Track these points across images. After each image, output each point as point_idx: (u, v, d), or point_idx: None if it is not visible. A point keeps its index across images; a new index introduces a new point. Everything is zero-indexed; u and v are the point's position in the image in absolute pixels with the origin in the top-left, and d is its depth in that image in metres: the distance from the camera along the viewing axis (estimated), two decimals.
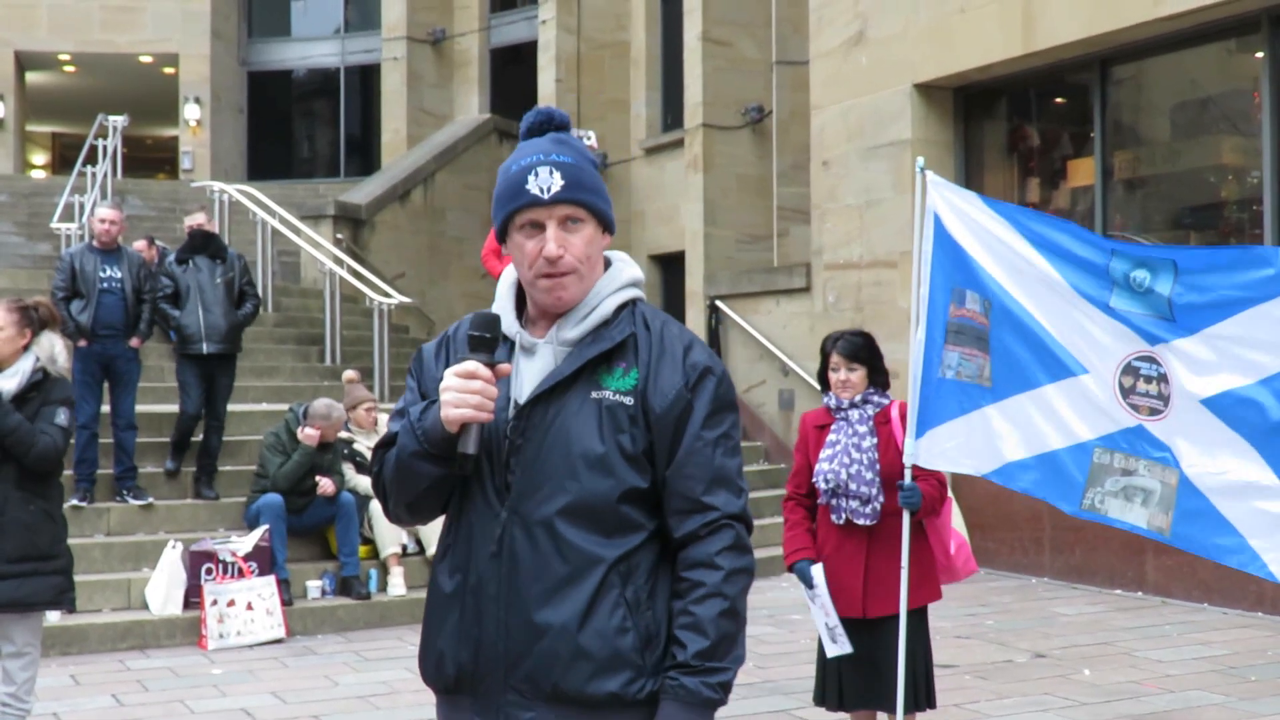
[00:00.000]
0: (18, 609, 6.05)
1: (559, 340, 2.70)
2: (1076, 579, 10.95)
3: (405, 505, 2.75)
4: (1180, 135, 11.40)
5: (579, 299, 2.70)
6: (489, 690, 2.65)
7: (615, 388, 2.65)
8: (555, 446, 2.62)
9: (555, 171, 2.65)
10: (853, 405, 5.43)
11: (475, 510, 2.69)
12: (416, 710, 7.28)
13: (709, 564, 2.63)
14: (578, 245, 2.66)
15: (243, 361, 11.64)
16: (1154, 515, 4.89)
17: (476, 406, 2.55)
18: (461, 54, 24.10)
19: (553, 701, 2.61)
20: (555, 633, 2.59)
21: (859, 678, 5.42)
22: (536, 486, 2.63)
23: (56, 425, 6.01)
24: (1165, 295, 4.80)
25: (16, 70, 26.16)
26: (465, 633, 2.67)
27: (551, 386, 2.65)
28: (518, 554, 2.63)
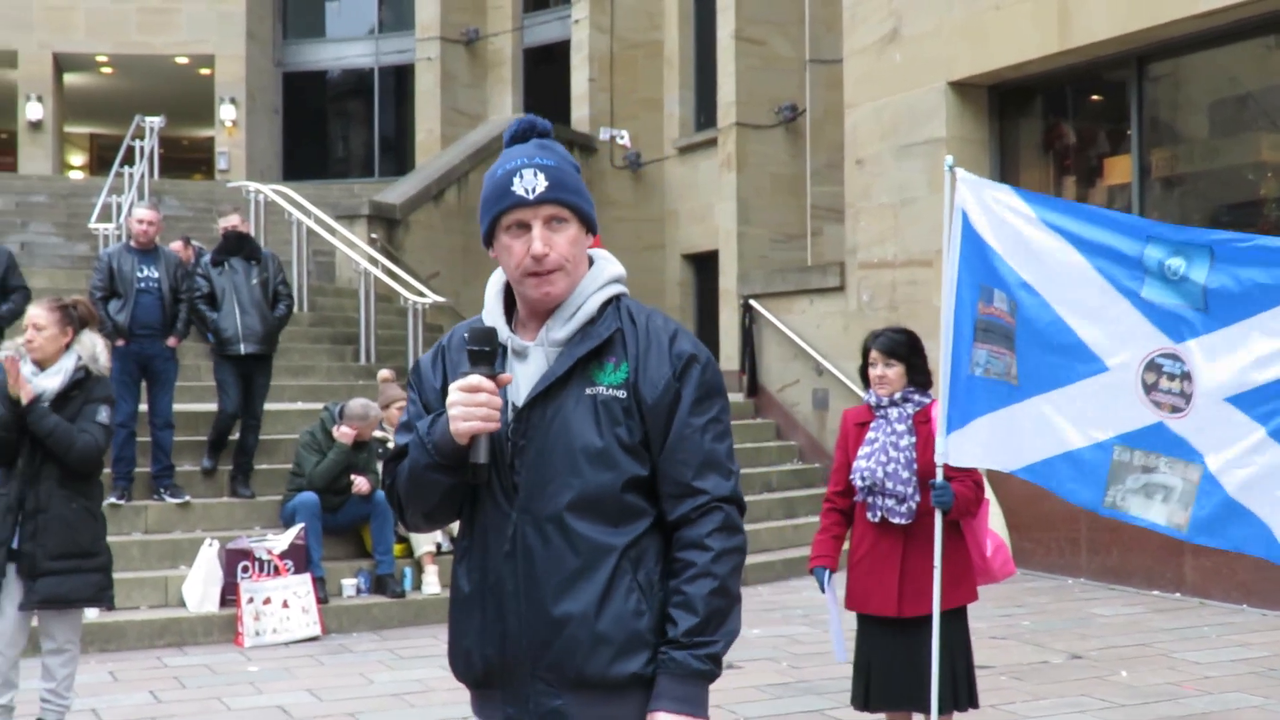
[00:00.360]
0: (58, 605, 6.12)
1: (549, 341, 2.80)
2: (1113, 580, 10.89)
3: (423, 515, 2.88)
4: (1218, 132, 11.32)
5: (566, 294, 2.80)
6: (517, 682, 2.77)
7: (608, 382, 2.76)
8: (556, 444, 2.74)
9: (539, 173, 2.76)
10: (892, 403, 5.41)
11: (486, 513, 2.81)
12: (451, 708, 7.29)
13: (699, 545, 2.74)
14: (562, 244, 2.76)
15: (278, 361, 11.69)
16: (1173, 512, 4.87)
17: (484, 418, 2.66)
18: (495, 54, 24.16)
19: (578, 687, 2.72)
20: (575, 622, 2.71)
21: (895, 678, 5.40)
22: (543, 484, 2.74)
23: (98, 423, 6.10)
24: (1200, 283, 4.76)
25: (55, 72, 26.37)
26: (489, 630, 2.79)
27: (547, 387, 2.76)
28: (531, 551, 2.74)
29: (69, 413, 6.09)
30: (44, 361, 6.13)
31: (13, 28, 25.71)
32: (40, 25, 25.81)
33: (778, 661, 8.32)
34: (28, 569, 6.05)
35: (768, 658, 8.40)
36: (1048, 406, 5.14)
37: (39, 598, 6.04)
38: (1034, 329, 5.15)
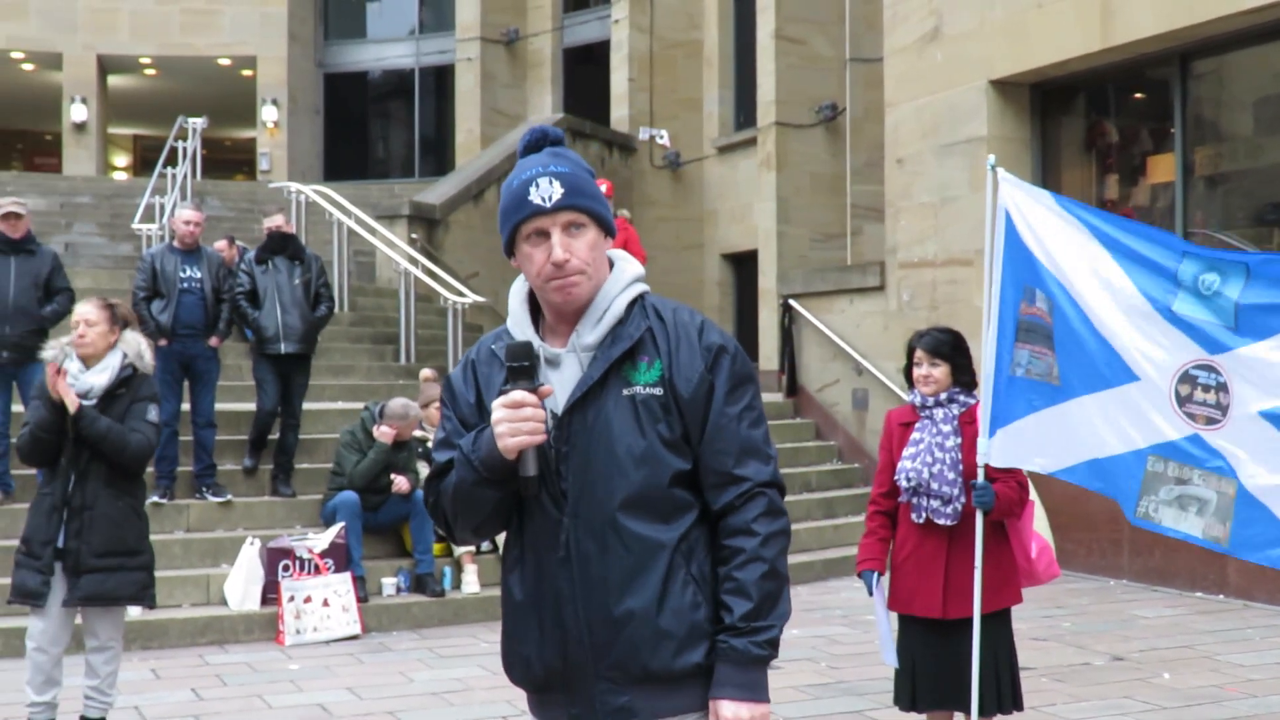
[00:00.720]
0: (102, 603, 6.17)
1: (580, 347, 2.84)
2: (1156, 581, 10.81)
3: (471, 530, 2.93)
4: (1263, 130, 11.21)
5: (589, 297, 2.84)
6: (581, 683, 2.83)
7: (644, 381, 2.81)
8: (600, 448, 2.78)
9: (555, 181, 2.80)
10: (938, 404, 5.38)
11: (536, 521, 2.85)
12: (490, 707, 7.31)
13: (746, 530, 2.80)
14: (582, 249, 2.81)
15: (319, 360, 11.74)
16: (1210, 525, 4.83)
17: (530, 432, 2.71)
18: (535, 54, 24.20)
19: (643, 682, 2.78)
20: (637, 619, 2.76)
21: (939, 679, 5.37)
22: (591, 488, 2.79)
23: (148, 422, 6.19)
24: (1233, 299, 4.73)
25: (99, 74, 26.60)
26: (548, 636, 2.85)
27: (585, 392, 2.80)
28: (586, 554, 2.79)
29: (116, 411, 6.16)
30: (92, 359, 6.21)
31: (57, 30, 25.96)
32: (84, 27, 26.05)
33: (817, 662, 8.30)
34: (72, 566, 6.10)
35: (807, 658, 8.38)
36: (1087, 409, 5.12)
37: (82, 594, 6.09)
38: (1071, 331, 5.13)
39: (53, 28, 25.96)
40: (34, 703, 6.20)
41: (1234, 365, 4.75)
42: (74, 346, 6.24)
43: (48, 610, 6.16)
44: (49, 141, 30.29)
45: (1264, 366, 4.69)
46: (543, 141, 2.90)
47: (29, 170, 28.88)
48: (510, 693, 7.58)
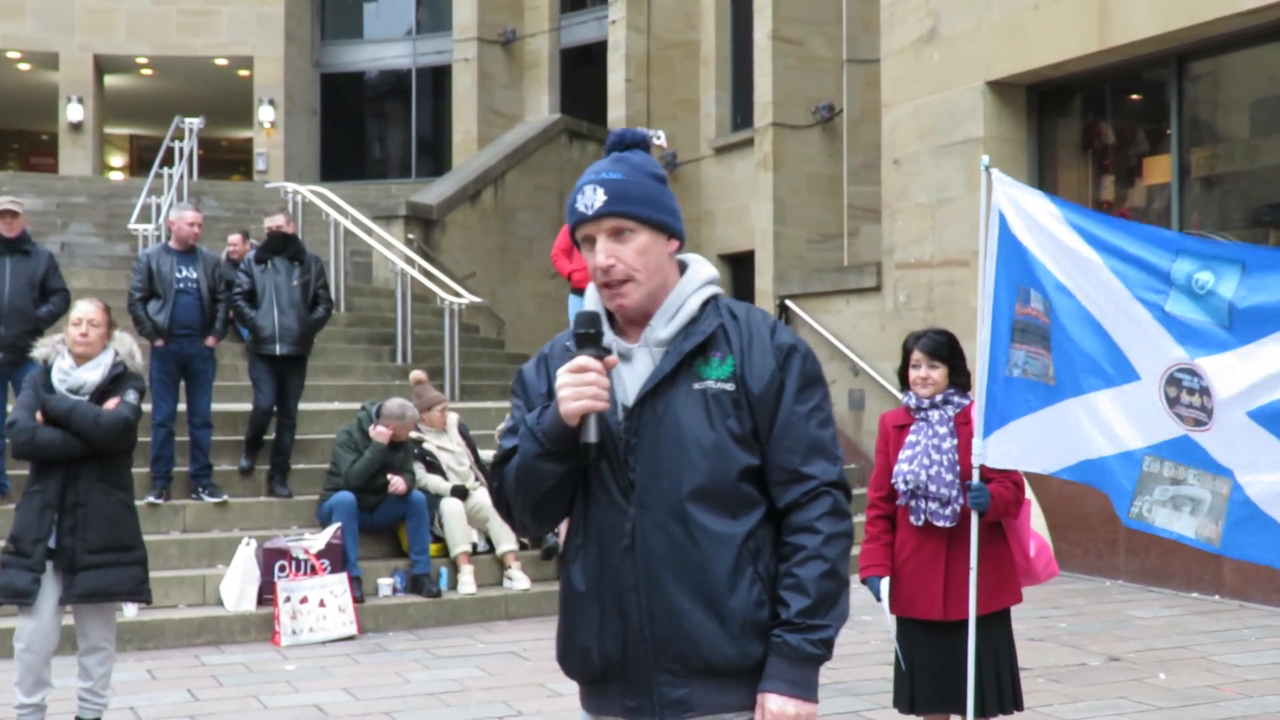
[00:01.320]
0: (100, 599, 6.17)
1: (653, 342, 2.88)
2: (1152, 582, 10.81)
3: (530, 510, 2.92)
4: (1259, 132, 11.22)
5: (641, 304, 2.88)
6: (640, 674, 2.85)
7: (715, 376, 2.85)
8: (669, 440, 2.82)
9: (599, 189, 2.85)
10: (933, 405, 5.38)
11: (601, 511, 2.87)
12: (487, 708, 7.31)
13: (809, 529, 2.83)
14: (628, 254, 2.85)
15: (315, 361, 11.74)
16: (1203, 525, 4.83)
17: (593, 397, 2.73)
18: (532, 54, 24.19)
19: (704, 675, 2.81)
20: (700, 612, 2.79)
21: (939, 680, 5.36)
22: (659, 480, 2.82)
23: (127, 402, 6.20)
24: (1227, 299, 4.71)
25: (95, 73, 26.59)
26: (609, 626, 2.86)
27: (656, 384, 2.84)
28: (651, 545, 2.82)
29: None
30: (86, 357, 6.28)
31: (54, 30, 25.94)
32: (81, 27, 26.03)
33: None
34: (66, 563, 6.09)
35: None
36: (1082, 409, 5.11)
37: (80, 592, 6.09)
38: (1068, 331, 5.12)
39: (49, 27, 25.94)
40: (23, 704, 6.16)
41: (1217, 365, 4.74)
42: (75, 344, 6.29)
43: (38, 610, 6.13)
44: (45, 141, 30.26)
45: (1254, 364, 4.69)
46: (617, 145, 2.96)
47: (25, 170, 28.85)
48: (507, 693, 7.59)
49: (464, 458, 10.58)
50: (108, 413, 6.13)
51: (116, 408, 6.16)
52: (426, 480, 10.14)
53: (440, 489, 10.13)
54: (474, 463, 10.67)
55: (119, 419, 6.15)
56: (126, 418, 6.18)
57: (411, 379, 11.12)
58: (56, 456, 6.13)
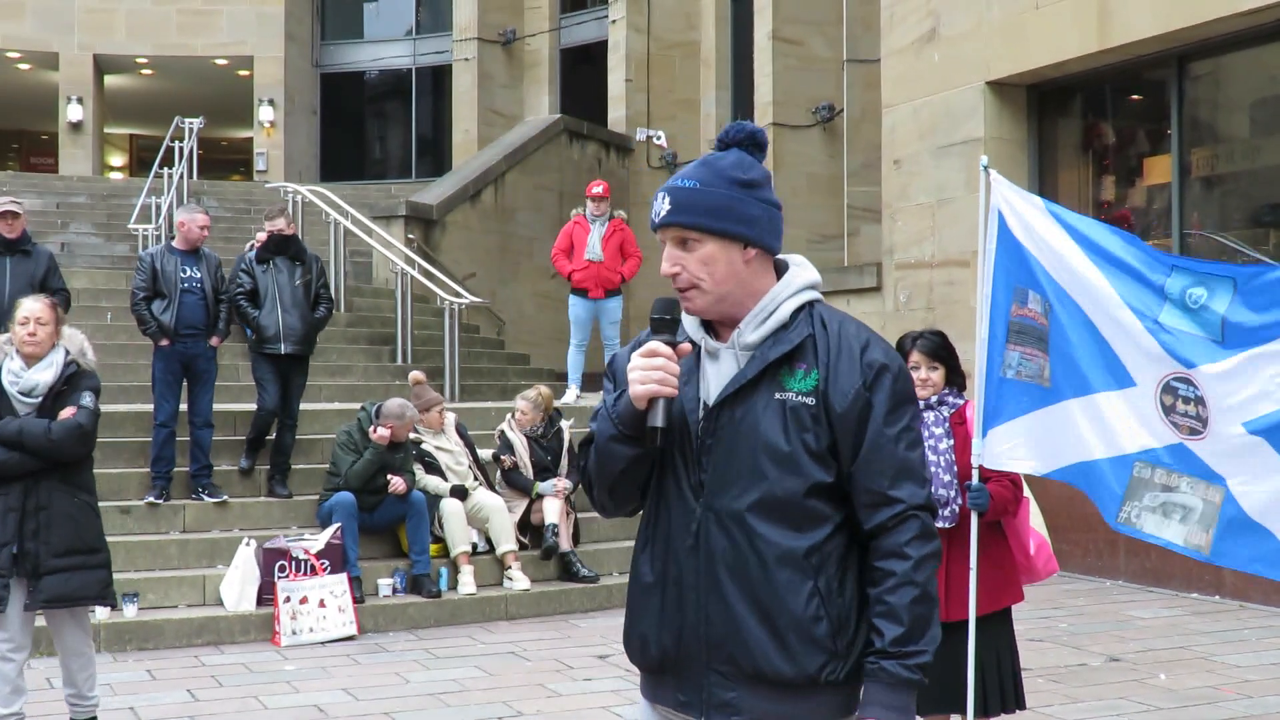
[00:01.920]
0: (66, 604, 5.99)
1: (740, 344, 2.88)
2: (1152, 582, 10.80)
3: (607, 490, 2.97)
4: (1260, 132, 11.22)
5: (706, 310, 2.89)
6: (692, 671, 2.86)
7: (797, 389, 2.83)
8: (744, 445, 2.81)
9: (666, 198, 2.87)
10: (928, 407, 5.37)
11: (672, 506, 2.90)
12: (486, 708, 7.31)
13: (899, 554, 2.82)
14: (692, 263, 2.86)
15: (315, 361, 11.73)
16: (1192, 533, 4.83)
17: (660, 381, 2.76)
18: (532, 54, 24.19)
19: (753, 682, 2.81)
20: (754, 620, 2.79)
21: (940, 681, 5.35)
22: (728, 483, 2.82)
23: (82, 407, 5.96)
24: (1220, 313, 4.73)
25: (95, 74, 26.60)
26: (668, 619, 2.89)
27: (737, 389, 2.84)
28: (714, 547, 2.83)
29: (59, 408, 5.98)
30: (36, 357, 6.04)
31: (54, 30, 25.95)
32: (81, 27, 26.04)
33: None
34: (30, 568, 5.90)
35: None
36: (1076, 412, 5.12)
37: (45, 597, 5.90)
38: (1065, 333, 5.13)
39: (49, 27, 25.96)
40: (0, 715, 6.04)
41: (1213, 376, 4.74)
42: (23, 345, 6.04)
43: (8, 617, 5.94)
44: (45, 141, 30.27)
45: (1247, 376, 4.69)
46: (722, 141, 2.95)
47: (25, 170, 28.86)
48: (507, 694, 7.58)
49: (462, 457, 10.57)
50: (59, 424, 5.88)
51: (71, 416, 5.91)
52: (426, 481, 10.13)
53: (440, 489, 10.13)
54: (473, 462, 10.66)
55: (72, 429, 5.90)
56: (81, 425, 5.93)
57: (410, 380, 11.12)
58: (14, 474, 5.89)
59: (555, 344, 16.80)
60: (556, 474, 10.68)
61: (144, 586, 9.23)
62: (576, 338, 13.55)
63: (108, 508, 9.76)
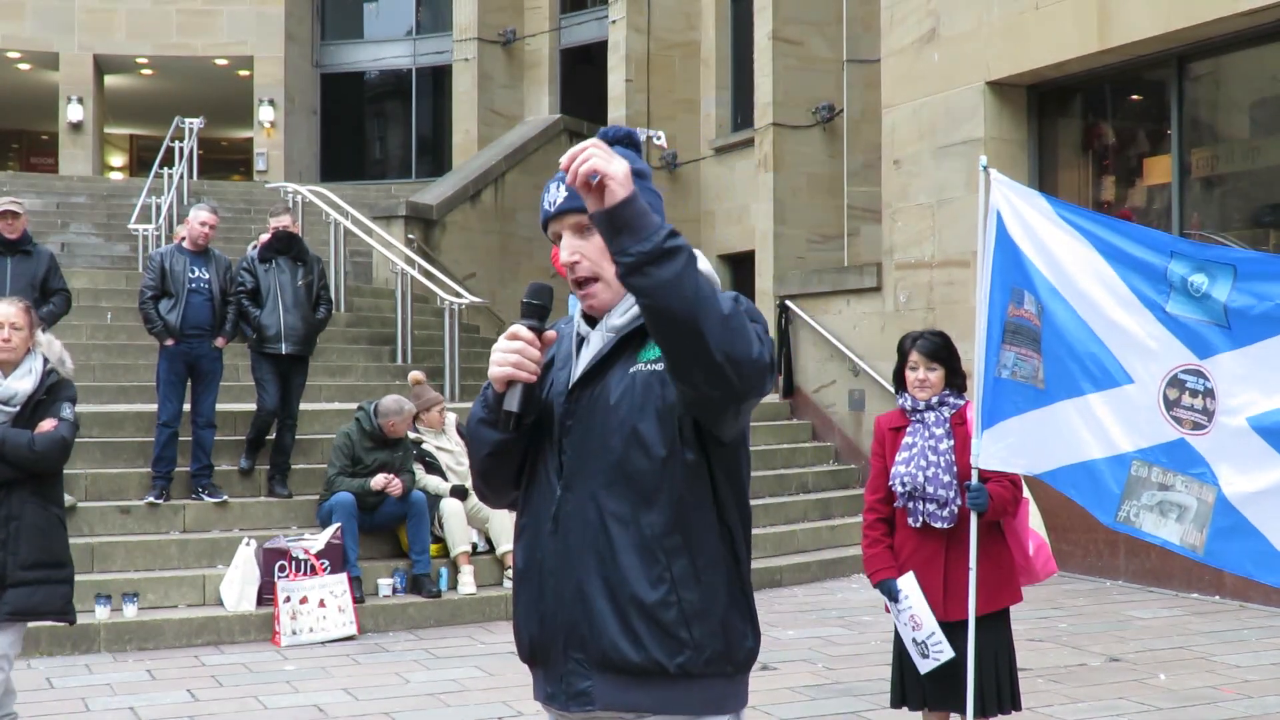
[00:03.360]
0: (27, 618, 5.75)
1: (607, 328, 2.85)
2: (1152, 582, 10.81)
3: (480, 475, 2.94)
4: (1260, 132, 11.22)
5: (610, 304, 2.84)
6: (554, 661, 2.81)
7: (647, 359, 2.77)
8: (598, 423, 2.77)
9: (563, 185, 2.80)
10: (929, 407, 5.37)
11: (538, 491, 2.86)
12: (486, 708, 7.31)
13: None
14: (592, 250, 2.80)
15: (315, 361, 11.74)
16: (1188, 532, 4.84)
17: (515, 365, 2.72)
18: (532, 54, 24.19)
19: (603, 670, 2.74)
20: (601, 603, 2.73)
21: (939, 680, 5.36)
22: (584, 463, 2.78)
23: (64, 419, 5.78)
24: (1221, 301, 4.73)
25: (95, 74, 26.60)
26: (532, 607, 2.85)
27: (594, 367, 2.81)
28: (569, 529, 2.78)
29: (38, 418, 5.76)
30: (9, 364, 5.80)
31: (54, 30, 25.95)
32: (81, 27, 26.05)
33: (813, 663, 8.29)
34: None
35: (803, 659, 8.38)
36: (1071, 413, 5.13)
37: (9, 610, 5.63)
38: (1059, 333, 5.14)
39: (49, 27, 25.96)
40: None
41: (1224, 370, 4.75)
42: None
43: None
44: (45, 141, 30.28)
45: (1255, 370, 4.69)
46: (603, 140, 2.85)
47: (25, 170, 28.88)
48: (507, 694, 7.58)
49: (463, 457, 10.57)
50: (42, 436, 5.69)
51: (53, 429, 5.72)
52: (426, 481, 10.13)
53: (440, 489, 10.13)
54: None
55: (55, 441, 5.71)
56: (64, 438, 5.74)
57: (410, 380, 11.12)
58: None
59: None
60: None
61: (144, 586, 9.23)
62: None
63: (107, 508, 9.88)
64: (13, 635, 5.74)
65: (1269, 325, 4.66)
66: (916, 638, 5.28)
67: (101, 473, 10.23)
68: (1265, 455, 4.67)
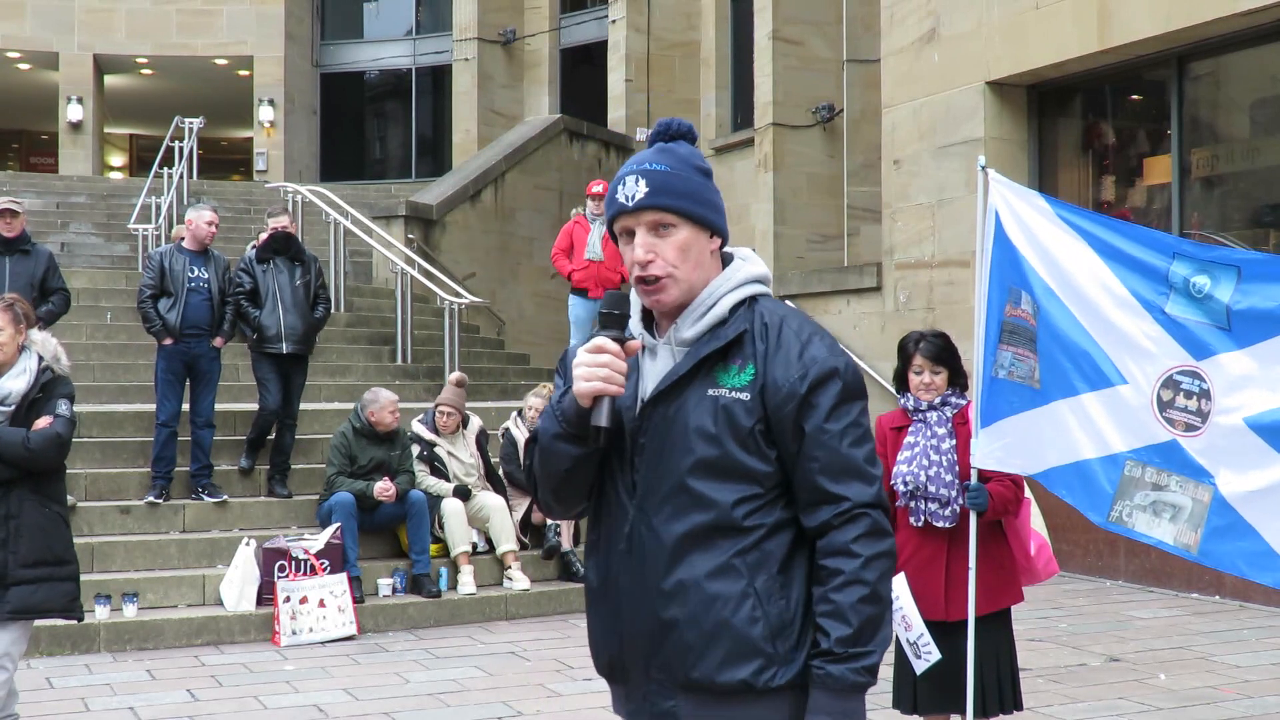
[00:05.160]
0: (31, 616, 5.73)
1: (676, 340, 2.77)
2: (1152, 582, 10.81)
3: (551, 491, 2.85)
4: (1260, 132, 11.22)
5: (678, 301, 2.75)
6: (634, 680, 2.78)
7: (731, 384, 2.70)
8: (675, 444, 2.70)
9: (641, 179, 2.74)
10: (931, 407, 5.37)
11: (610, 508, 2.80)
12: (486, 708, 7.31)
13: (846, 551, 2.66)
14: (668, 250, 2.73)
15: (315, 361, 11.73)
16: (1181, 532, 4.84)
17: (605, 379, 2.65)
18: (532, 54, 24.19)
19: (688, 690, 2.70)
20: (683, 624, 2.68)
21: (940, 681, 5.35)
22: (660, 483, 2.71)
23: (58, 415, 5.74)
24: (1224, 302, 4.73)
25: (95, 73, 26.60)
26: (611, 625, 2.80)
27: (670, 385, 2.72)
28: (645, 549, 2.72)
29: (34, 416, 5.72)
30: (4, 365, 5.74)
31: (54, 30, 25.96)
32: (81, 27, 26.05)
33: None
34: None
35: None
36: (1065, 412, 5.13)
37: (10, 608, 5.62)
38: (1055, 334, 5.14)
39: (49, 27, 25.96)
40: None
41: (1223, 371, 4.75)
42: None
43: None
44: (45, 141, 30.28)
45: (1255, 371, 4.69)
46: (661, 135, 2.86)
47: (25, 170, 28.89)
48: (506, 694, 7.58)
49: (475, 468, 10.50)
50: (36, 434, 5.64)
51: (48, 426, 5.68)
52: (428, 481, 10.13)
53: (442, 490, 10.12)
54: (483, 474, 10.58)
55: (50, 438, 5.66)
56: (59, 434, 5.69)
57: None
58: None
59: (555, 344, 16.81)
60: None
61: (144, 586, 9.23)
62: (576, 338, 13.53)
63: (107, 507, 9.88)
64: (15, 634, 5.72)
65: (1272, 326, 4.66)
66: (909, 638, 5.29)
67: (101, 472, 10.23)
68: (1263, 454, 4.67)
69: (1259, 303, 4.68)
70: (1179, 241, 5.09)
